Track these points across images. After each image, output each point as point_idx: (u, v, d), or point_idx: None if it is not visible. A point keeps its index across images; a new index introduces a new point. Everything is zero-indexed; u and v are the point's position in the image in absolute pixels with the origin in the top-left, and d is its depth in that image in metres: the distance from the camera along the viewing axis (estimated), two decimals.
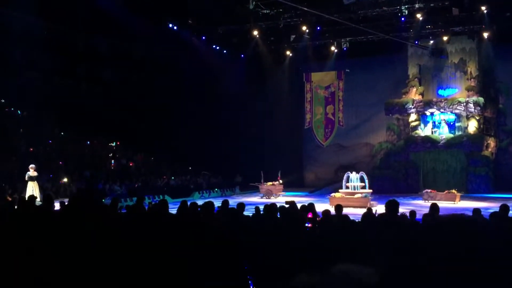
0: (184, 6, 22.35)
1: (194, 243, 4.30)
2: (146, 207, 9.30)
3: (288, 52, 28.60)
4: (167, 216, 6.89)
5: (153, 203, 15.51)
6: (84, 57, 24.77)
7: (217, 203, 9.63)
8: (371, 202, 18.11)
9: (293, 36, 26.36)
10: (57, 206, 10.59)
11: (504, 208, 7.93)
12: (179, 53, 25.30)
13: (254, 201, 20.76)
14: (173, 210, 8.75)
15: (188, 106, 26.60)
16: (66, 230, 4.24)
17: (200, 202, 8.26)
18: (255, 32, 25.19)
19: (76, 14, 21.49)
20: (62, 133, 25.45)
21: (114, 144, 27.28)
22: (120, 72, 25.60)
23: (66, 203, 9.72)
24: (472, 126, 26.40)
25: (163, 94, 26.12)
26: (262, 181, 24.18)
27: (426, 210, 8.87)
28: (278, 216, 7.26)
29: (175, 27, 24.89)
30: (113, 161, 25.36)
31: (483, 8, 22.02)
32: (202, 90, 26.74)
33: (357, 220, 7.73)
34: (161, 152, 26.56)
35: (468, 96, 26.21)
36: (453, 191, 20.86)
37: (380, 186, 24.01)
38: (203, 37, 26.76)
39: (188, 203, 8.25)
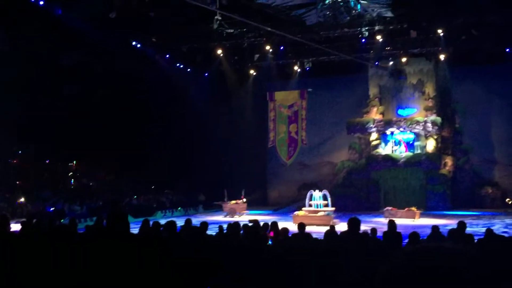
0: (147, 24, 22.27)
1: (156, 263, 4.23)
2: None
3: (252, 71, 28.83)
4: (128, 235, 6.77)
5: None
6: (45, 72, 24.23)
7: (180, 222, 9.54)
8: (334, 220, 18.27)
9: (257, 56, 26.62)
10: (15, 227, 10.24)
11: (460, 225, 8.16)
12: (143, 70, 25.14)
13: (217, 220, 20.63)
14: (135, 230, 8.59)
15: (152, 124, 26.38)
16: (21, 252, 4.11)
17: (162, 222, 8.15)
18: (219, 51, 25.32)
19: (39, 27, 21.08)
20: (20, 152, 24.74)
21: (74, 162, 26.69)
22: (82, 88, 25.15)
23: (21, 225, 9.42)
24: (430, 145, 27.15)
25: (126, 111, 25.83)
26: (225, 199, 24.08)
27: (387, 228, 9.02)
28: (242, 234, 7.24)
29: (138, 45, 24.74)
30: (73, 180, 24.78)
31: (439, 31, 22.82)
32: (166, 108, 26.58)
33: (319, 238, 7.78)
34: (123, 171, 26.14)
35: (426, 116, 26.99)
36: (413, 208, 21.31)
37: (343, 204, 24.28)
38: (167, 55, 26.71)
39: (151, 223, 8.13)
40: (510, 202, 25.45)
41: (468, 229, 10.67)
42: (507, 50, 24.66)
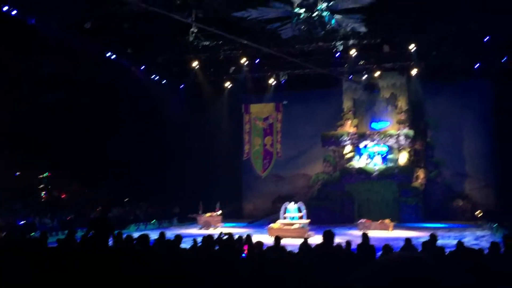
0: (122, 35, 22.16)
1: (130, 276, 4.18)
2: (79, 241, 8.93)
3: (227, 84, 28.88)
4: (100, 249, 6.67)
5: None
6: (16, 82, 23.78)
7: (154, 235, 9.44)
8: (309, 233, 18.32)
9: (233, 68, 26.70)
10: None
11: (432, 237, 8.31)
12: (119, 81, 24.92)
13: (192, 232, 20.48)
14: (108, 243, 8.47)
15: (126, 135, 26.11)
16: None
17: (136, 235, 8.05)
18: (195, 63, 25.32)
19: (13, 35, 20.74)
20: None
21: (46, 174, 26.17)
22: (56, 98, 24.71)
23: None
24: (403, 158, 27.57)
25: (100, 122, 25.51)
26: (200, 212, 23.93)
27: (361, 240, 9.10)
28: (216, 248, 7.20)
29: (113, 56, 24.56)
30: (44, 192, 24.28)
31: (411, 46, 23.30)
32: (141, 119, 26.38)
33: (294, 251, 7.79)
34: (96, 183, 25.74)
35: (399, 129, 27.43)
36: (387, 220, 21.55)
37: (317, 217, 24.37)
38: (143, 67, 26.58)
39: (124, 236, 8.02)
40: (480, 215, 25.94)
41: (440, 241, 10.84)
42: (477, 65, 25.31)
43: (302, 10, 17.36)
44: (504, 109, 25.58)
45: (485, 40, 22.45)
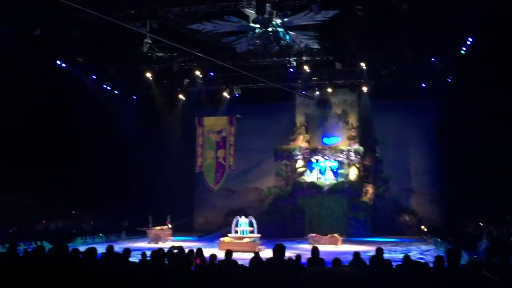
0: (74, 44, 21.64)
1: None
2: (21, 254, 8.58)
3: (181, 96, 28.70)
4: (45, 263, 6.42)
5: (29, 249, 14.31)
6: None
7: (102, 249, 9.18)
8: (259, 247, 18.34)
9: (187, 80, 26.57)
10: None
11: (378, 251, 8.50)
12: (69, 90, 24.22)
13: (141, 246, 20.06)
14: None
15: (75, 146, 25.37)
16: None
17: (82, 248, 7.81)
18: (148, 74, 25.03)
19: None
20: None
21: None
22: (6, 104, 23.75)
23: None
24: (353, 173, 28.15)
25: (48, 132, 24.68)
26: (150, 225, 23.51)
27: (310, 254, 9.18)
28: (166, 262, 7.08)
29: (63, 65, 23.93)
30: None
31: (362, 64, 23.96)
32: (92, 130, 25.72)
33: (245, 265, 7.77)
34: (41, 195, 24.81)
35: (350, 145, 28.03)
36: (336, 235, 21.87)
37: (269, 231, 24.41)
38: (94, 76, 26.02)
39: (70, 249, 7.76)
40: (425, 230, 26.76)
41: (387, 255, 11.09)
42: (423, 85, 26.30)
43: (257, 25, 17.57)
44: (448, 127, 26.66)
45: (431, 61, 23.41)
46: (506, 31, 17.55)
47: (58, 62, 23.68)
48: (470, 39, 21.15)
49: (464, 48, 21.58)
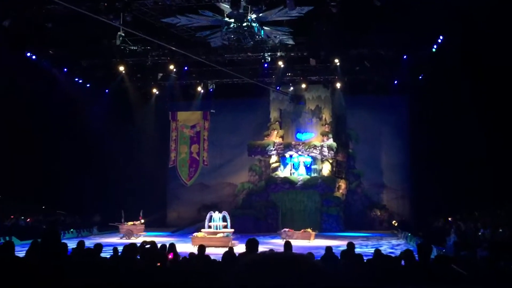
0: (45, 35, 21.16)
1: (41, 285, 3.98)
2: None
3: (154, 90, 28.42)
4: (12, 259, 6.30)
5: None
6: None
7: (72, 244, 9.06)
8: (233, 242, 18.36)
9: (161, 74, 26.31)
10: None
11: (349, 246, 8.63)
12: (39, 83, 23.71)
13: (113, 241, 19.84)
14: (21, 253, 8.01)
15: (46, 140, 24.88)
16: None
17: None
18: (121, 68, 24.69)
19: None
20: None
21: None
22: None
23: None
24: (326, 168, 28.39)
25: (16, 126, 24.14)
26: (122, 220, 23.27)
27: (283, 249, 9.23)
28: (138, 257, 7.02)
29: (33, 57, 23.41)
30: None
31: (336, 60, 24.14)
32: (62, 124, 25.26)
33: (218, 260, 7.77)
34: (9, 189, 24.26)
35: (323, 141, 28.25)
36: (309, 230, 22.02)
37: (242, 226, 24.48)
38: (65, 69, 25.54)
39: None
40: (396, 224, 27.20)
41: (358, 249, 11.25)
42: (395, 82, 26.67)
43: (232, 20, 17.52)
44: (418, 123, 27.13)
45: (403, 58, 23.76)
46: (474, 28, 17.93)
47: (28, 55, 23.16)
48: (441, 37, 21.55)
49: (435, 46, 21.97)
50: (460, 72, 20.77)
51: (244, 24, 17.56)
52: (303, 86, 27.08)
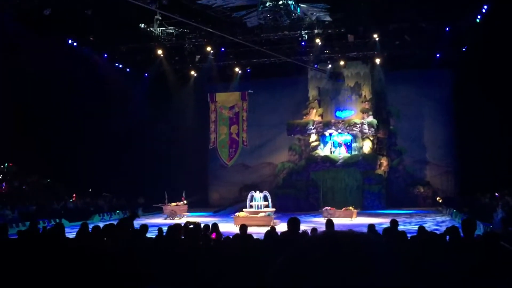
0: (84, 23, 21.59)
1: (93, 268, 4.13)
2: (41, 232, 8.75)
3: (192, 72, 28.62)
4: (63, 240, 6.55)
5: (48, 227, 14.60)
6: None
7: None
8: (274, 221, 18.47)
9: (198, 57, 26.48)
10: None
11: (393, 223, 8.52)
12: (80, 69, 24.31)
13: (157, 222, 20.32)
14: (71, 234, 8.33)
15: (89, 125, 25.57)
16: None
17: (101, 225, 7.95)
18: (159, 51, 24.95)
19: None
20: None
21: (6, 166, 25.42)
22: (14, 89, 23.95)
23: None
24: (367, 146, 28.02)
25: (61, 113, 24.90)
26: (166, 201, 23.77)
27: (325, 227, 9.21)
28: (182, 237, 7.18)
29: (75, 44, 23.96)
30: (4, 184, 23.61)
31: (375, 36, 23.62)
32: (105, 109, 25.84)
33: (260, 239, 7.84)
34: (59, 174, 25.15)
35: (363, 118, 27.83)
36: (350, 208, 21.91)
37: (283, 205, 24.58)
38: (105, 55, 26.03)
39: (90, 227, 7.92)
40: (440, 201, 26.69)
41: (402, 227, 11.11)
42: (437, 55, 25.88)
43: None
44: (462, 98, 26.29)
45: (445, 30, 22.99)
46: None
47: (70, 41, 23.71)
48: (485, 7, 20.68)
49: (479, 16, 21.12)
50: (507, 43, 19.93)
51: (280, 2, 17.38)
52: (342, 63, 26.67)
